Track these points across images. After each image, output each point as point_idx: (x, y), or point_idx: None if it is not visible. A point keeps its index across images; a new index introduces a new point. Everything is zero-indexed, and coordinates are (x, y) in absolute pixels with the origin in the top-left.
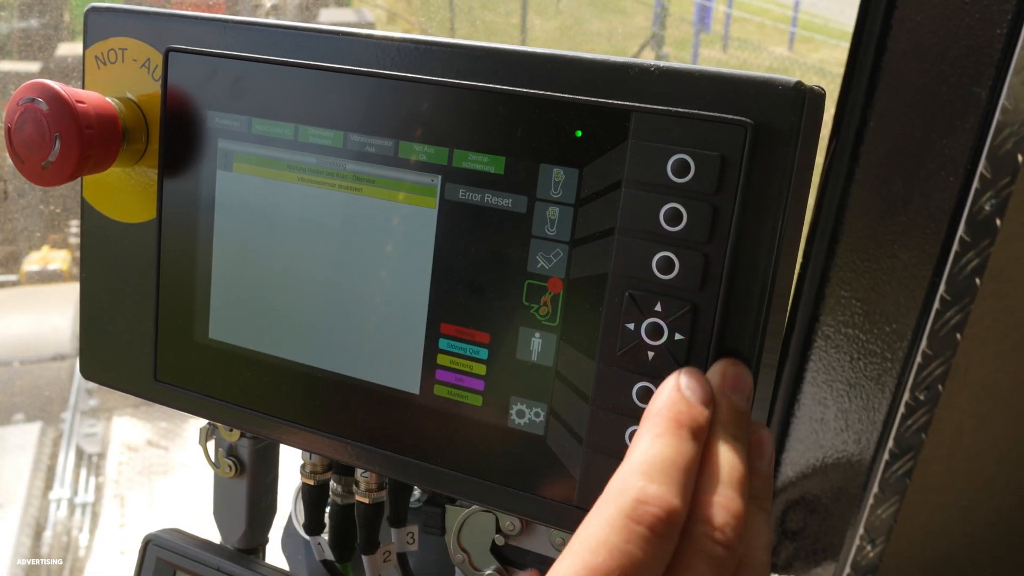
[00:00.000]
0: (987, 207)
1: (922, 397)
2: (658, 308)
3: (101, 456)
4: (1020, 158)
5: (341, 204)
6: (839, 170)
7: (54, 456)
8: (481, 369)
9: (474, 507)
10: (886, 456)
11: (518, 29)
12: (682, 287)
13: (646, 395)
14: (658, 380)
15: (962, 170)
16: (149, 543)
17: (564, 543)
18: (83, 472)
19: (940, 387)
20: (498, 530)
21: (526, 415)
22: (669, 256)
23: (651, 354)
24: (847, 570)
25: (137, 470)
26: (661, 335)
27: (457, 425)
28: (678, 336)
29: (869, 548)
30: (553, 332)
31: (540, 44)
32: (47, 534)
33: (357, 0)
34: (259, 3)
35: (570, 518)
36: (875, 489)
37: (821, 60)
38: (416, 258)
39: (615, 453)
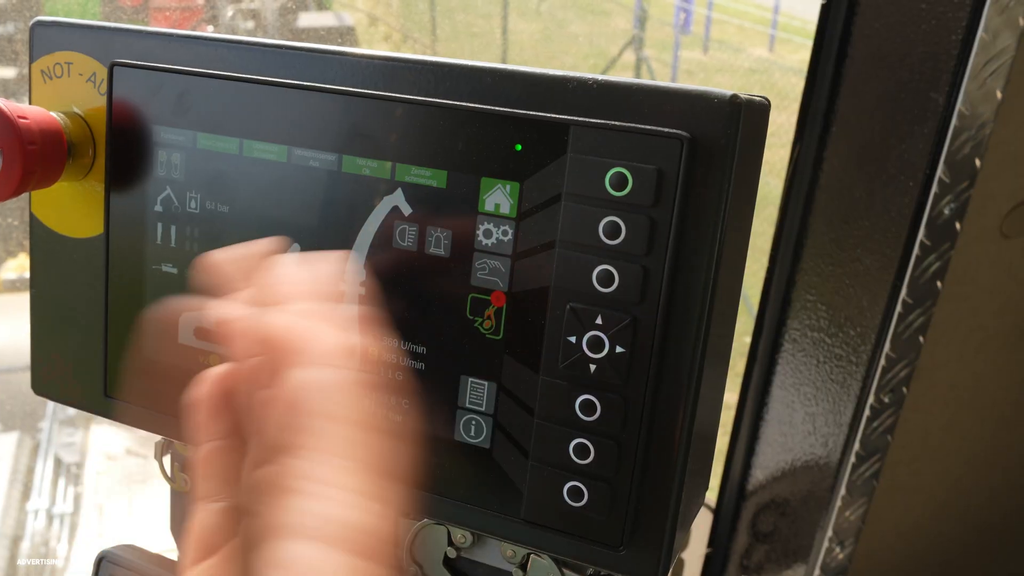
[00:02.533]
0: (946, 211)
1: (887, 400)
2: (599, 321)
3: (79, 466)
4: (978, 162)
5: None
6: (803, 176)
7: (31, 466)
8: (426, 382)
9: (425, 520)
10: (853, 458)
11: (499, 32)
12: (622, 300)
13: (589, 408)
14: (600, 393)
15: (921, 175)
16: (103, 560)
17: (515, 555)
18: (61, 482)
19: (905, 389)
20: (450, 543)
21: (472, 428)
22: (609, 269)
23: (593, 367)
24: (816, 572)
25: (116, 479)
26: (602, 348)
27: (403, 439)
28: (619, 349)
29: (838, 550)
30: (497, 345)
31: (522, 46)
32: (24, 545)
33: (337, 4)
34: (238, 8)
35: (518, 531)
36: (843, 491)
37: (801, 61)
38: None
39: (560, 466)
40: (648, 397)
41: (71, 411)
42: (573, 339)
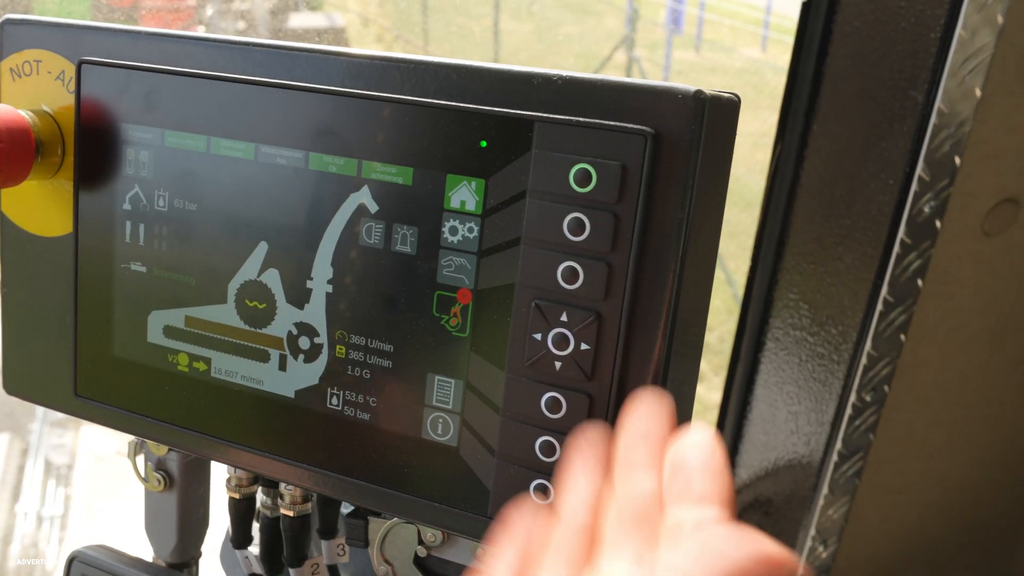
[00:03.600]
0: (926, 209)
1: (868, 398)
2: (564, 318)
3: (69, 467)
4: (957, 160)
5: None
6: (784, 174)
7: (21, 467)
8: (393, 380)
9: (396, 519)
10: (835, 457)
11: (491, 32)
12: (587, 297)
13: (555, 406)
14: (566, 390)
15: (901, 173)
16: (74, 560)
17: (484, 554)
18: (51, 483)
19: (886, 388)
20: (420, 541)
21: (439, 426)
22: (573, 266)
23: (558, 364)
24: (799, 571)
25: (106, 480)
26: (567, 345)
27: (371, 437)
28: (584, 346)
29: (821, 549)
30: (464, 343)
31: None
32: (14, 547)
33: (329, 5)
34: (228, 8)
35: (484, 529)
36: (825, 490)
37: None
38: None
39: (527, 464)
40: (613, 395)
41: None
42: (539, 336)
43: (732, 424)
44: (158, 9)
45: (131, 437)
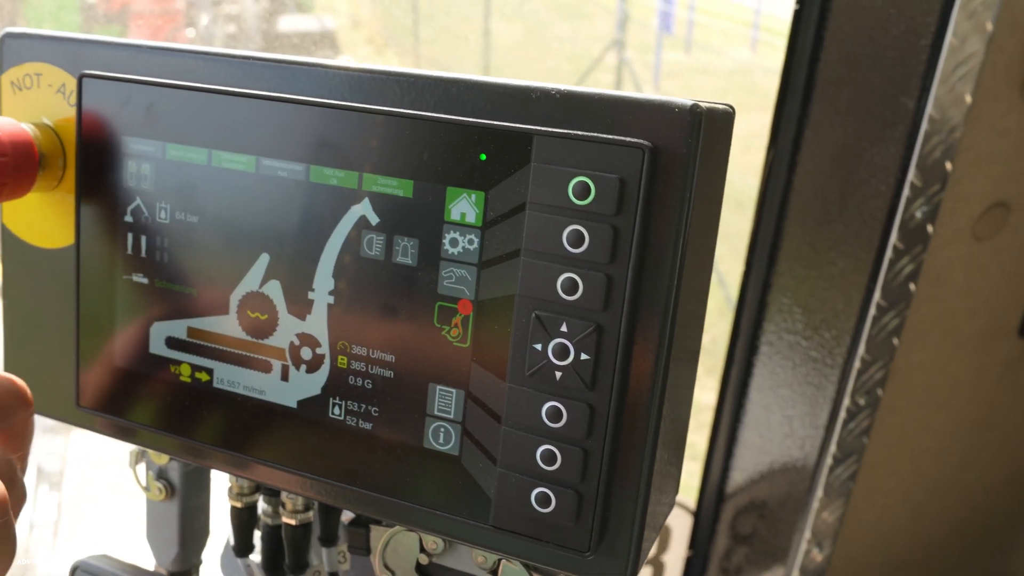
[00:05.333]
0: (918, 214)
1: (862, 401)
2: (564, 329)
3: (61, 474)
4: (948, 166)
5: None
6: (777, 179)
7: None
8: (395, 390)
9: (397, 527)
10: (829, 460)
11: (481, 34)
12: (586, 308)
13: (556, 415)
14: (566, 400)
15: (893, 178)
16: (77, 569)
17: (486, 561)
18: (43, 490)
19: (880, 391)
20: (422, 549)
21: (440, 436)
22: (573, 277)
23: (559, 374)
24: (795, 573)
25: (98, 487)
26: (568, 355)
27: (373, 447)
28: (584, 356)
29: (816, 551)
30: (465, 353)
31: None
32: None
33: (319, 7)
34: (219, 12)
35: (487, 537)
36: (820, 493)
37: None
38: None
39: (528, 472)
40: (614, 404)
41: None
42: (539, 347)
43: (727, 427)
44: (147, 13)
45: (131, 446)
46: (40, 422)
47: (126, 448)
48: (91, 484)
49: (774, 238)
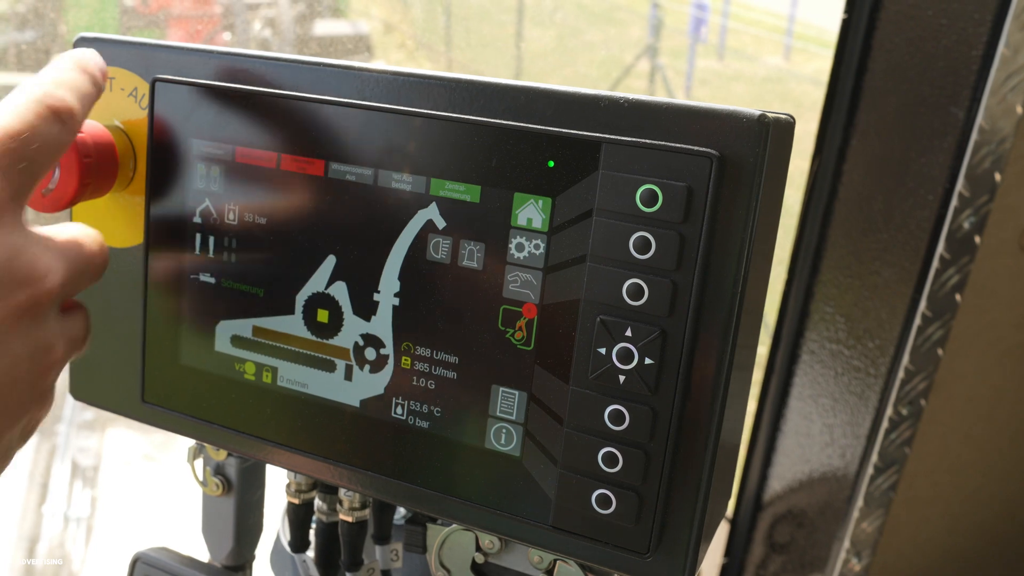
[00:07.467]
0: (966, 225)
1: (905, 412)
2: (628, 333)
3: (95, 469)
4: (998, 177)
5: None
6: (822, 188)
7: (48, 469)
8: (457, 391)
9: (454, 525)
10: (870, 470)
11: (514, 39)
12: (651, 313)
13: (618, 418)
14: (629, 403)
15: (941, 188)
16: (138, 561)
17: (542, 561)
18: (78, 485)
19: (923, 402)
20: (478, 548)
21: (502, 436)
22: (639, 283)
23: (622, 378)
24: None
25: (132, 483)
26: (632, 359)
27: (435, 446)
28: (648, 360)
29: (855, 561)
30: (528, 356)
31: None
32: (41, 547)
33: (353, 12)
34: (253, 17)
35: (546, 537)
36: (860, 503)
37: (817, 70)
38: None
39: (589, 474)
40: (676, 408)
41: (88, 415)
42: (603, 350)
43: (766, 435)
44: (185, 16)
45: (191, 442)
46: (75, 418)
47: (157, 445)
48: (126, 480)
49: (817, 246)
